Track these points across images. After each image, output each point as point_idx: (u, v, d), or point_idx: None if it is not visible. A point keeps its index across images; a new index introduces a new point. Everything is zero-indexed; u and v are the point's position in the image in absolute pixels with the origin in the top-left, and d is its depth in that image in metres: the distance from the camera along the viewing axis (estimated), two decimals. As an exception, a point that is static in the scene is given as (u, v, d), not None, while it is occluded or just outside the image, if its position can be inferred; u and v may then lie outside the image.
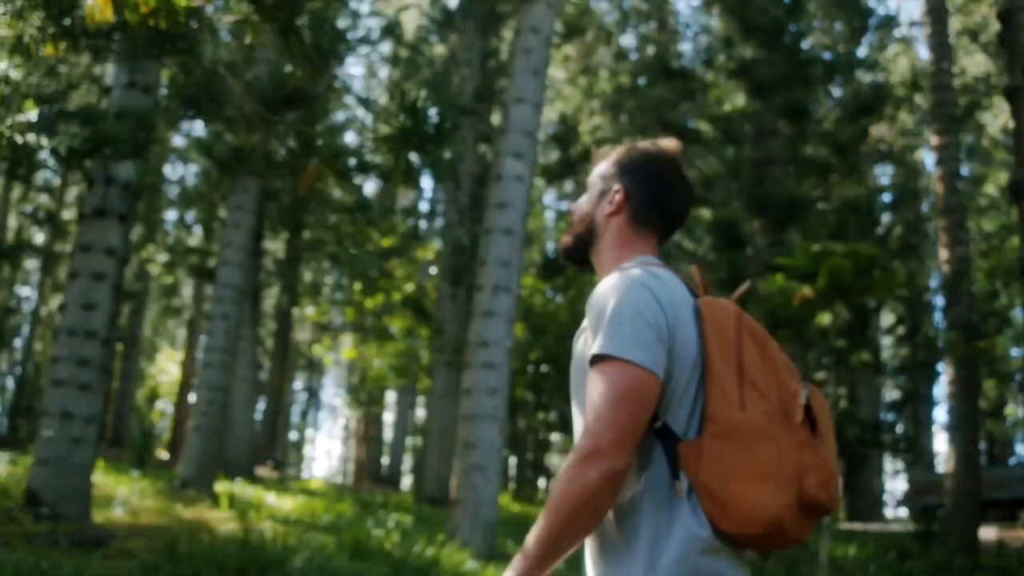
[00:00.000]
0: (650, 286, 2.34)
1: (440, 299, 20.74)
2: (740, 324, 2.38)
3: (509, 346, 12.58)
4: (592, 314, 2.33)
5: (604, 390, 2.19)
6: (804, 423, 2.29)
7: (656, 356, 2.25)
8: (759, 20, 16.91)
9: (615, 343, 2.23)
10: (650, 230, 2.61)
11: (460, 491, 11.95)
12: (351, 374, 45.46)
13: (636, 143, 2.75)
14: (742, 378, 2.29)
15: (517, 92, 13.03)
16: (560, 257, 2.78)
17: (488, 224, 12.84)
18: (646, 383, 2.22)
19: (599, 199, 2.68)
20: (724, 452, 2.20)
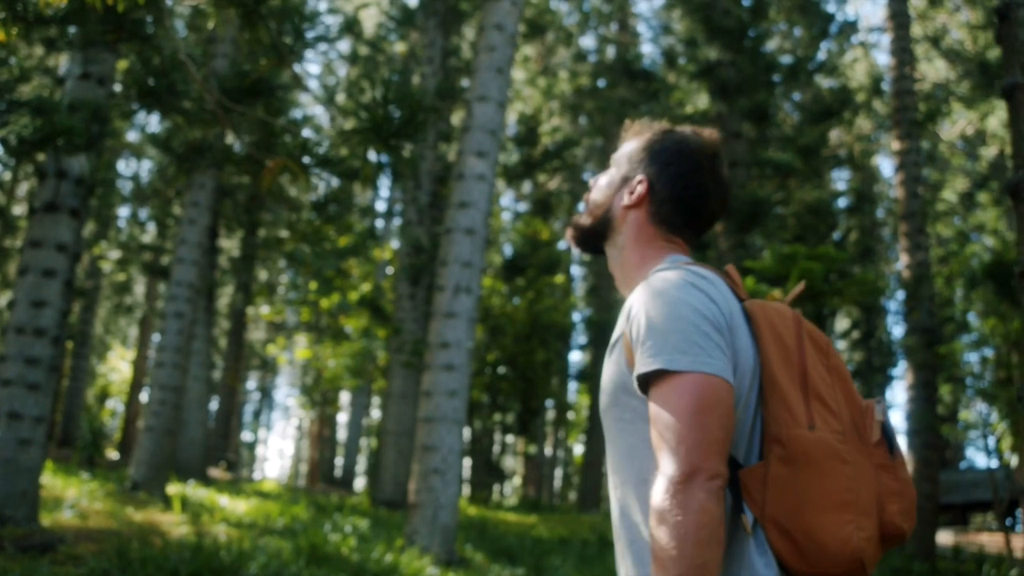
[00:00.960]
0: (702, 287, 2.07)
1: (398, 299, 20.51)
2: (800, 330, 2.14)
3: (470, 348, 12.40)
4: (634, 326, 2.06)
5: (681, 407, 1.92)
6: (881, 442, 2.06)
7: (726, 363, 1.99)
8: (724, 22, 16.84)
9: (678, 355, 1.96)
10: (673, 231, 2.35)
11: (418, 495, 11.74)
12: (305, 374, 45.16)
13: (675, 127, 2.47)
14: (807, 392, 2.04)
15: (480, 90, 12.86)
16: (570, 240, 2.53)
17: (449, 224, 12.65)
18: (724, 393, 1.96)
19: (620, 185, 2.42)
20: (793, 479, 1.94)
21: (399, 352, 19.40)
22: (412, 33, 25.22)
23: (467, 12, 22.15)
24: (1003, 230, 25.28)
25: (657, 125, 2.48)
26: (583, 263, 35.42)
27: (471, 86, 13.12)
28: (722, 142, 2.45)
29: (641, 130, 2.48)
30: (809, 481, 1.93)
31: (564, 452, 42.64)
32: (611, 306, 25.93)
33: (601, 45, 31.69)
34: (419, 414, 12.21)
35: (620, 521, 2.12)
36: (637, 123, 2.51)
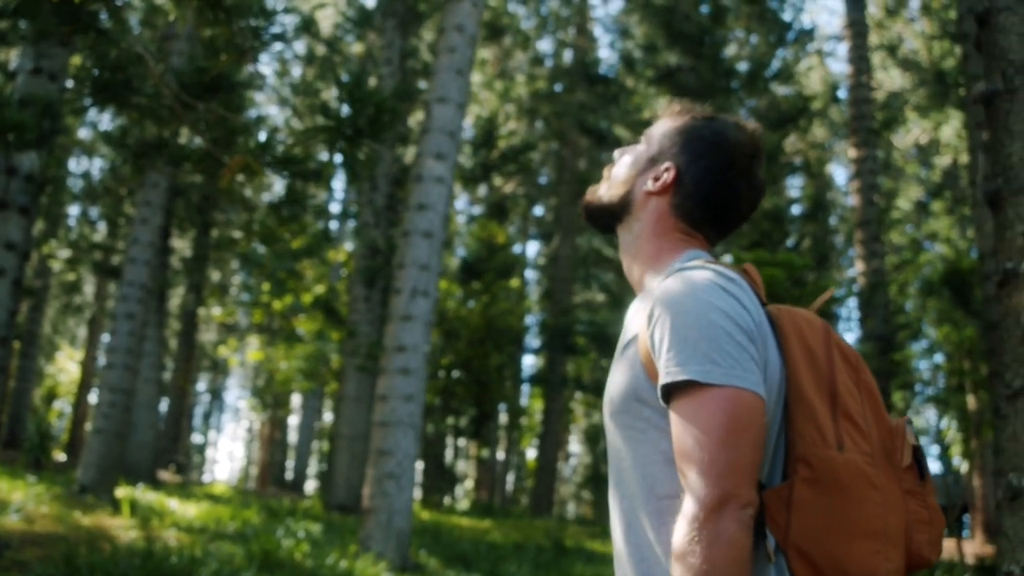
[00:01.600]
0: (732, 291, 1.91)
1: (353, 302, 20.34)
2: (829, 341, 1.98)
3: (426, 351, 12.28)
4: (657, 329, 1.89)
5: (712, 425, 1.77)
6: (911, 467, 1.92)
7: (759, 377, 1.84)
8: (684, 27, 16.84)
9: (710, 365, 1.81)
10: (694, 227, 2.17)
11: (373, 500, 11.59)
12: (257, 376, 44.81)
13: (718, 114, 2.27)
14: (836, 410, 1.89)
15: (440, 91, 12.75)
16: (582, 212, 2.34)
17: (407, 226, 12.52)
18: (758, 411, 1.81)
19: (646, 166, 2.22)
20: (819, 503, 1.79)
21: (353, 355, 19.24)
22: (370, 34, 25.05)
23: (426, 13, 22.04)
24: (956, 238, 25.50)
25: (700, 109, 2.29)
26: (538, 267, 35.36)
27: (430, 87, 13.01)
28: (762, 136, 2.27)
29: (681, 111, 2.28)
30: (836, 506, 1.79)
31: (517, 456, 42.56)
32: (567, 310, 25.84)
33: (558, 49, 31.68)
34: (374, 418, 12.07)
35: (625, 536, 1.98)
36: (679, 103, 2.30)
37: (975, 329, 17.07)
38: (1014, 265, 4.01)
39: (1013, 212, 4.04)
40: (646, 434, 1.94)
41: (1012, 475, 3.88)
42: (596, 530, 21.04)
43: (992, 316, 13.97)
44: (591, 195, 2.30)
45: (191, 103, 4.90)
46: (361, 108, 4.71)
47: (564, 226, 26.80)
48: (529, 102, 29.10)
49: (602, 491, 36.85)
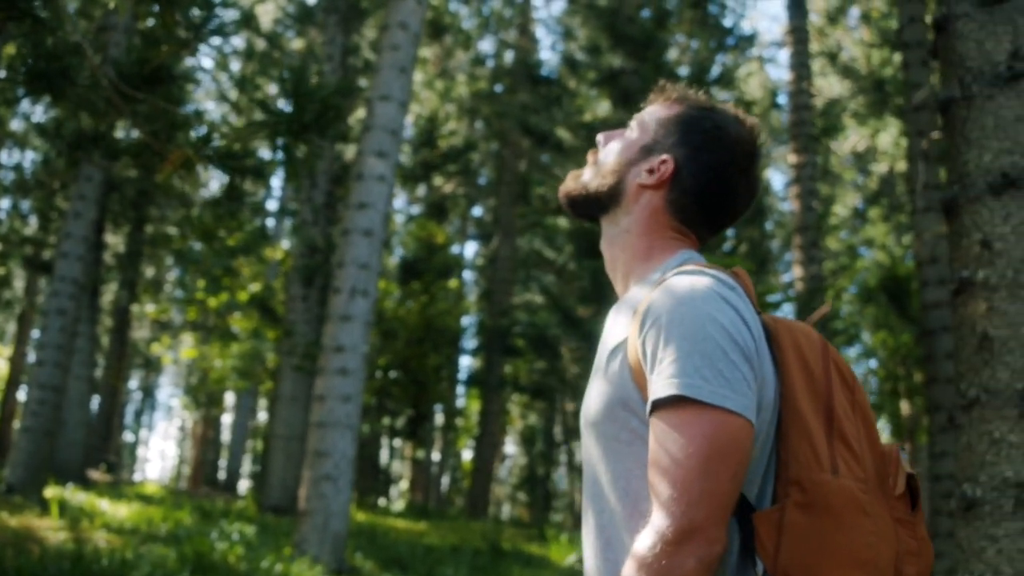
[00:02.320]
0: (732, 303, 1.79)
1: (290, 300, 20.12)
2: (827, 357, 1.87)
3: (365, 352, 12.15)
4: (651, 335, 1.77)
5: (691, 448, 1.65)
6: (904, 495, 1.81)
7: (752, 400, 1.72)
8: (628, 30, 16.83)
9: (702, 382, 1.68)
10: (687, 224, 2.05)
11: (309, 502, 11.44)
12: (190, 374, 44.31)
13: (716, 105, 2.12)
14: (831, 432, 1.78)
15: (382, 89, 12.62)
16: (563, 198, 2.18)
17: (347, 225, 12.37)
18: (744, 437, 1.69)
19: (639, 156, 2.07)
20: (811, 528, 1.68)
21: (290, 354, 19.02)
22: (311, 30, 24.82)
23: (368, 10, 21.87)
24: (891, 245, 25.77)
25: (696, 97, 2.14)
26: (476, 268, 35.26)
27: (373, 85, 12.87)
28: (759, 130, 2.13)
29: (676, 98, 2.13)
30: (828, 533, 1.68)
31: (453, 458, 42.44)
32: (505, 311, 25.77)
33: (500, 49, 31.61)
34: (311, 419, 11.92)
35: (602, 553, 1.86)
36: (676, 88, 2.15)
37: (911, 335, 17.24)
38: (969, 274, 3.98)
39: (969, 220, 4.01)
40: (631, 447, 1.82)
41: (966, 485, 3.85)
42: (533, 532, 20.99)
43: (929, 323, 14.12)
44: (574, 181, 2.16)
45: (130, 95, 4.75)
46: (306, 104, 4.58)
47: (504, 227, 26.72)
48: (470, 102, 29.00)
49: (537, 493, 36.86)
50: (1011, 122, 3.97)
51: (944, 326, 13.85)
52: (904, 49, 15.24)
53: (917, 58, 14.75)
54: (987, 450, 3.81)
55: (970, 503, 3.80)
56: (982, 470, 3.80)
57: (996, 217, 3.94)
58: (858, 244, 29.88)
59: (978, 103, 4.05)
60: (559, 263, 24.55)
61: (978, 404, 3.86)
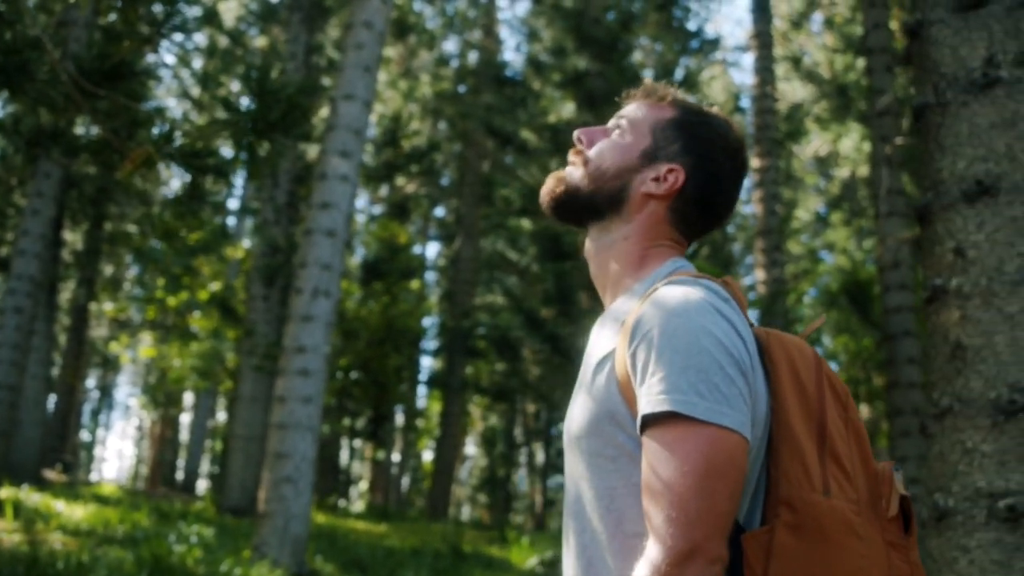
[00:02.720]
0: (727, 315, 1.73)
1: (251, 300, 19.95)
2: (821, 373, 1.80)
3: (327, 353, 12.04)
4: (642, 348, 1.69)
5: (687, 467, 1.59)
6: (897, 518, 1.74)
7: (747, 416, 1.66)
8: (594, 32, 16.80)
9: (697, 398, 1.62)
10: (683, 234, 1.99)
11: (269, 504, 11.32)
12: (149, 373, 43.93)
13: (704, 107, 2.05)
14: (824, 451, 1.71)
15: (346, 88, 12.52)
16: (546, 198, 2.05)
17: (310, 224, 12.27)
18: (741, 454, 1.63)
19: (643, 161, 1.98)
20: (801, 551, 1.63)
21: (251, 354, 18.86)
22: (274, 28, 24.65)
23: (332, 9, 21.74)
24: (852, 249, 25.91)
25: (683, 98, 2.06)
26: (438, 268, 35.15)
27: (337, 84, 12.77)
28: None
29: (667, 99, 2.04)
30: (818, 556, 1.63)
31: (413, 459, 42.32)
32: (467, 313, 25.69)
33: (464, 50, 31.54)
34: (272, 420, 11.81)
35: (583, 574, 1.79)
36: (660, 87, 2.06)
37: (872, 340, 17.32)
38: (943, 282, 3.95)
39: (943, 228, 3.98)
40: (617, 463, 1.75)
41: (938, 495, 3.82)
42: (493, 535, 20.92)
43: (891, 327, 14.19)
44: (559, 183, 2.05)
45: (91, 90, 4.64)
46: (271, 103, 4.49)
47: (466, 228, 26.65)
48: (434, 102, 28.91)
49: (498, 494, 36.80)
50: (986, 129, 3.94)
51: (906, 331, 13.92)
52: (868, 55, 15.31)
53: (881, 64, 14.82)
54: (960, 460, 3.78)
55: (942, 513, 3.77)
56: (955, 480, 3.78)
57: (970, 225, 3.91)
58: (819, 248, 30.05)
59: (952, 110, 4.02)
60: (522, 265, 24.51)
61: (951, 413, 3.83)
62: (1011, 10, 4.01)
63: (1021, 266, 3.78)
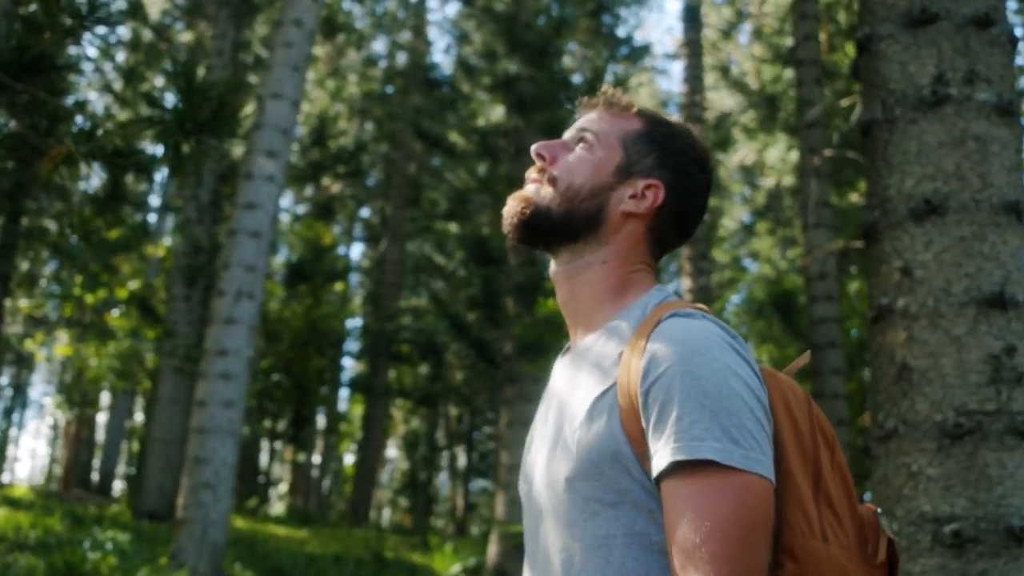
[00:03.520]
0: (742, 353, 1.63)
1: (171, 300, 19.58)
2: (812, 415, 1.70)
3: (249, 356, 11.82)
4: (660, 388, 1.56)
5: (729, 519, 1.47)
6: (883, 564, 1.68)
7: (772, 461, 1.56)
8: (525, 36, 16.71)
9: (732, 445, 1.50)
10: (657, 254, 1.87)
11: (187, 510, 11.08)
12: (64, 372, 43.11)
13: (668, 116, 1.93)
14: (818, 495, 1.62)
15: (274, 87, 12.30)
16: (512, 219, 1.88)
17: (234, 225, 12.04)
18: (772, 504, 1.53)
19: (619, 177, 1.84)
20: None
21: (171, 356, 18.50)
22: (200, 23, 24.24)
23: (260, 5, 21.42)
24: (776, 259, 26.11)
25: (647, 108, 1.93)
26: (362, 270, 34.87)
27: (265, 82, 12.56)
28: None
29: (632, 109, 1.91)
30: None
31: (334, 461, 41.97)
32: (392, 316, 25.48)
33: (392, 50, 31.33)
34: (192, 424, 11.57)
35: None
36: (615, 93, 1.93)
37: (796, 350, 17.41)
38: (889, 301, 3.89)
39: (890, 246, 3.92)
40: (618, 509, 1.62)
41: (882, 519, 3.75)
42: (416, 541, 20.73)
43: (816, 338, 14.26)
44: (524, 203, 1.87)
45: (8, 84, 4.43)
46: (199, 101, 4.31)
47: (393, 230, 26.46)
48: (361, 103, 28.66)
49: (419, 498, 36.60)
50: (934, 148, 3.89)
51: (831, 342, 14.00)
52: (798, 66, 15.39)
53: (811, 75, 14.91)
54: (904, 483, 3.71)
55: (886, 538, 3.70)
56: (899, 504, 3.71)
57: (917, 244, 3.85)
58: (744, 257, 30.26)
59: (901, 127, 3.96)
60: (449, 269, 24.36)
61: (896, 436, 3.76)
62: (960, 27, 3.96)
63: (968, 287, 3.73)
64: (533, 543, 1.77)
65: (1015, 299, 3.75)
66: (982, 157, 3.85)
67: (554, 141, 1.94)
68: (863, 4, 4.21)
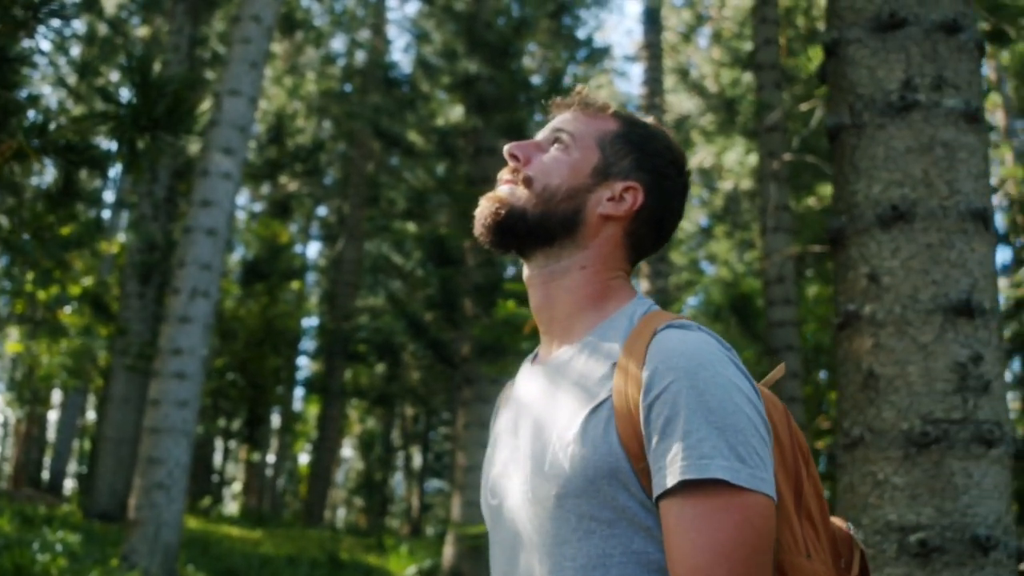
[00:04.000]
0: (741, 367, 1.59)
1: (125, 298, 19.36)
2: (792, 429, 1.67)
3: (204, 355, 11.69)
4: (665, 403, 1.51)
5: (738, 540, 1.44)
6: None
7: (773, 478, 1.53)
8: (486, 36, 16.64)
9: (739, 464, 1.46)
10: (634, 260, 1.81)
11: (140, 511, 10.93)
12: (15, 369, 42.62)
13: (643, 118, 1.88)
14: (799, 510, 1.60)
15: (232, 83, 12.17)
16: (487, 225, 1.80)
17: (190, 222, 11.91)
18: (775, 524, 1.50)
19: (597, 179, 1.78)
20: None
21: (124, 354, 18.28)
22: (157, 18, 24.01)
23: (218, 1, 21.23)
24: (734, 262, 26.22)
25: (622, 109, 1.89)
26: (318, 269, 34.67)
27: (222, 79, 12.44)
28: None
29: (608, 110, 1.85)
30: None
31: (289, 461, 41.74)
32: (348, 315, 25.34)
33: (351, 48, 31.18)
34: (145, 423, 11.43)
35: None
36: (589, 94, 1.88)
37: (752, 353, 17.46)
38: (856, 307, 3.86)
39: (857, 252, 3.89)
40: (614, 527, 1.56)
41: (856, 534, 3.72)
42: (371, 542, 20.62)
43: (773, 341, 14.29)
44: (498, 204, 1.80)
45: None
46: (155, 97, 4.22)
47: (350, 229, 26.32)
48: (319, 101, 28.49)
49: (374, 498, 36.47)
50: (902, 153, 3.86)
51: (788, 345, 14.04)
52: (758, 70, 15.42)
53: (771, 79, 14.94)
54: (870, 492, 3.68)
55: (851, 547, 3.67)
56: (864, 513, 3.68)
57: (885, 250, 3.82)
58: (701, 259, 30.36)
59: (869, 132, 3.93)
60: (406, 269, 24.26)
61: (862, 444, 3.73)
62: (929, 32, 3.94)
63: (936, 294, 3.71)
64: (508, 563, 1.71)
65: (982, 307, 3.73)
66: (950, 164, 3.83)
67: (527, 141, 1.88)
68: (831, 8, 4.18)
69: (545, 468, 1.63)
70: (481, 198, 1.84)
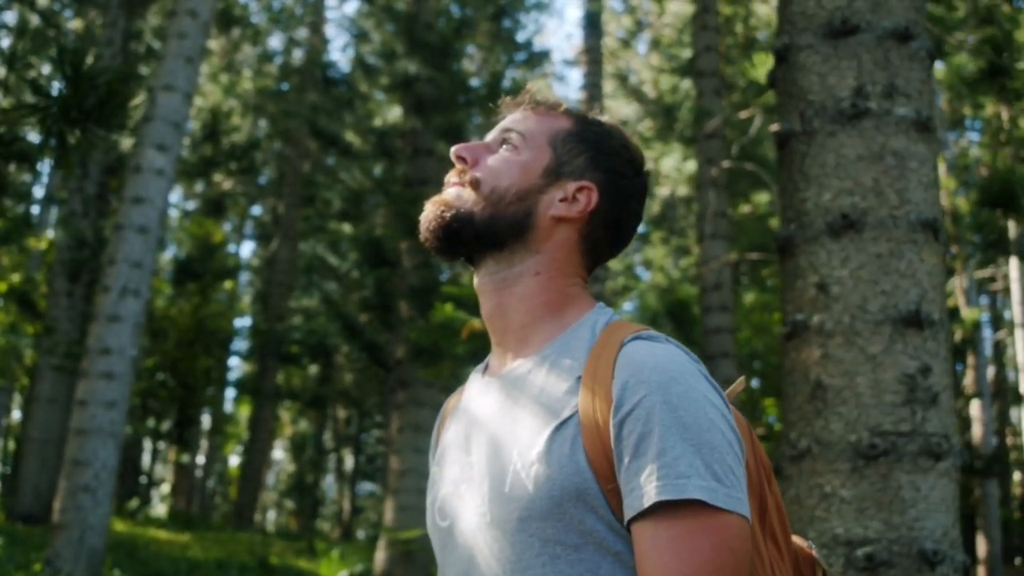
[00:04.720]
0: (712, 381, 1.52)
1: (53, 295, 18.99)
2: (754, 444, 1.60)
3: (134, 355, 11.45)
4: (635, 420, 1.43)
5: (717, 563, 1.36)
6: None
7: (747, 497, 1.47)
8: (426, 36, 16.52)
9: (717, 483, 1.39)
10: (591, 266, 1.73)
11: (65, 514, 10.67)
12: (-62, 366, 41.80)
13: (609, 120, 1.79)
14: (764, 528, 1.54)
15: (167, 78, 11.95)
16: (432, 229, 1.70)
17: (121, 219, 11.65)
18: (750, 545, 1.43)
19: (546, 179, 1.69)
20: None
21: (51, 353, 17.92)
22: (90, 11, 23.62)
23: (155, -6, 20.94)
24: (669, 268, 26.32)
25: (575, 108, 1.80)
26: (252, 269, 34.32)
27: (157, 73, 12.21)
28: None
29: (560, 108, 1.77)
30: None
31: (219, 463, 41.30)
32: (282, 316, 25.06)
33: (289, 46, 30.91)
34: (72, 424, 11.17)
35: None
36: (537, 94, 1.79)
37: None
38: (804, 317, 3.80)
39: (806, 261, 3.84)
40: (581, 552, 1.47)
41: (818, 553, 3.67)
42: (301, 546, 20.39)
43: (710, 348, 14.31)
44: (449, 208, 1.70)
45: None
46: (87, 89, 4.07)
47: (285, 229, 26.05)
48: (255, 98, 28.19)
49: (305, 501, 36.18)
50: (852, 161, 3.82)
51: (725, 352, 14.08)
52: (698, 77, 15.45)
53: (710, 87, 14.98)
54: (817, 505, 3.63)
55: (798, 561, 3.61)
56: (811, 526, 3.63)
57: (834, 260, 3.77)
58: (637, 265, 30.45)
59: (819, 139, 3.88)
60: (342, 270, 24.05)
61: (809, 456, 3.68)
62: (881, 40, 3.90)
63: (885, 305, 3.67)
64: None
65: (931, 318, 3.69)
66: (900, 173, 3.79)
67: (476, 142, 1.79)
68: (782, 13, 4.13)
69: (505, 490, 1.54)
70: (426, 202, 1.74)
